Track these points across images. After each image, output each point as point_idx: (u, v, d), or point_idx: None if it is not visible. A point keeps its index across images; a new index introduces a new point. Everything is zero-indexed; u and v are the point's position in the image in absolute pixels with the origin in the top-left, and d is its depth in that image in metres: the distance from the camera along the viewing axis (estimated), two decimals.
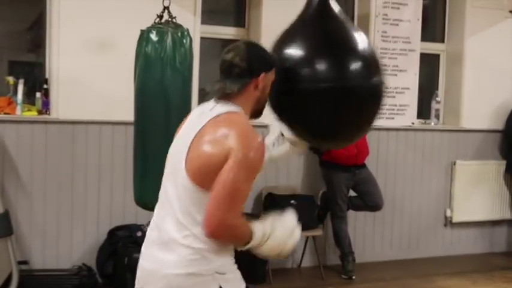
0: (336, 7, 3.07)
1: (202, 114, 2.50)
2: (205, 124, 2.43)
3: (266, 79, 2.55)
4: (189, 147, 2.41)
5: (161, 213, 2.49)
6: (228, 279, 2.44)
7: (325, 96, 2.79)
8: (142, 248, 2.57)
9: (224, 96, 2.50)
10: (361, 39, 2.98)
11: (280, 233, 2.49)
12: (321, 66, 2.82)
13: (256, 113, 2.60)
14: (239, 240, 2.45)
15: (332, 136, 2.96)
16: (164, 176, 2.56)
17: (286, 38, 2.99)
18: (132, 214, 5.47)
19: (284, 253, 2.55)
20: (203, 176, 2.36)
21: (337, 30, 3.02)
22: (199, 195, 2.37)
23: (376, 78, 2.94)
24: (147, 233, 2.56)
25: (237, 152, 2.33)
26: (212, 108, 2.49)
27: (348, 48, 2.92)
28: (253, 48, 2.59)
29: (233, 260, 2.50)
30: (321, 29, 2.99)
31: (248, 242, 2.44)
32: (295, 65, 2.76)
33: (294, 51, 2.87)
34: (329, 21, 3.03)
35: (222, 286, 2.41)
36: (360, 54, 2.92)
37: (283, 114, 2.91)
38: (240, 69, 2.49)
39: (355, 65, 2.87)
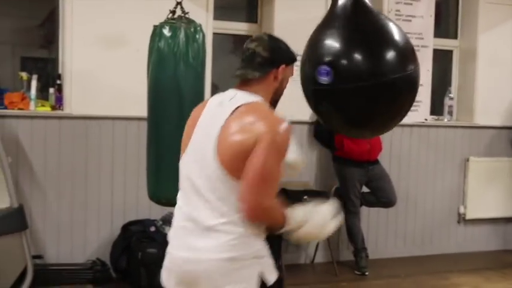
0: None
1: (222, 104, 2.53)
2: (230, 115, 2.47)
3: (285, 72, 2.64)
4: (218, 139, 2.45)
5: (191, 204, 2.51)
6: (265, 264, 2.51)
7: (363, 92, 2.83)
8: (174, 240, 2.59)
9: (244, 85, 2.58)
10: (394, 30, 3.00)
11: (316, 221, 2.57)
12: (358, 63, 2.87)
13: (274, 103, 2.66)
14: (275, 222, 2.52)
15: (369, 125, 3.01)
16: (185, 168, 2.58)
17: (320, 34, 3.02)
18: (145, 209, 5.48)
19: (320, 238, 2.69)
20: (236, 165, 2.41)
21: (370, 23, 3.05)
22: (234, 184, 2.42)
23: (411, 67, 2.98)
24: (177, 225, 2.58)
25: (265, 137, 2.40)
26: (232, 98, 2.53)
27: (382, 41, 2.95)
28: (276, 41, 2.70)
29: (266, 246, 2.55)
30: (354, 23, 3.02)
31: (283, 226, 2.52)
32: (332, 62, 2.81)
33: (330, 49, 2.90)
34: (361, 14, 3.07)
35: (261, 270, 2.47)
36: (395, 46, 2.95)
37: (320, 107, 2.95)
38: (262, 59, 2.59)
39: (391, 58, 2.91)
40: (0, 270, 4.74)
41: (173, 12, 4.24)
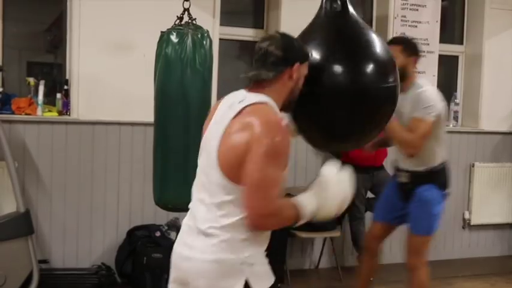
0: (349, 7, 3.09)
1: (232, 106, 2.48)
2: (233, 117, 2.43)
3: (300, 70, 2.57)
4: (220, 141, 2.42)
5: (196, 203, 2.53)
6: (255, 272, 2.43)
7: (342, 100, 2.82)
8: (178, 236, 2.60)
9: (257, 86, 2.51)
10: (375, 41, 3.00)
11: (332, 195, 2.50)
12: (337, 71, 2.84)
13: (289, 104, 2.59)
14: (286, 222, 2.46)
15: (347, 137, 3.00)
16: (198, 169, 2.57)
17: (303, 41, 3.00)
18: (151, 214, 5.50)
19: (342, 209, 2.56)
20: (233, 168, 2.37)
21: (352, 33, 3.05)
22: (231, 188, 2.39)
23: (391, 80, 2.98)
24: (184, 221, 2.59)
25: (260, 140, 2.33)
26: (242, 100, 2.47)
27: (363, 52, 2.94)
28: (289, 39, 2.60)
29: (264, 253, 2.50)
30: (336, 32, 3.02)
31: (298, 220, 2.46)
32: (313, 67, 2.77)
33: (312, 54, 2.88)
34: (343, 23, 3.06)
35: (248, 278, 2.40)
36: (375, 57, 2.94)
37: (300, 115, 2.92)
38: (276, 58, 2.50)
39: (371, 70, 2.90)
40: (6, 274, 4.76)
41: (180, 18, 4.25)
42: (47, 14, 6.04)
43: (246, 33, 6.24)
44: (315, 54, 2.87)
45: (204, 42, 4.15)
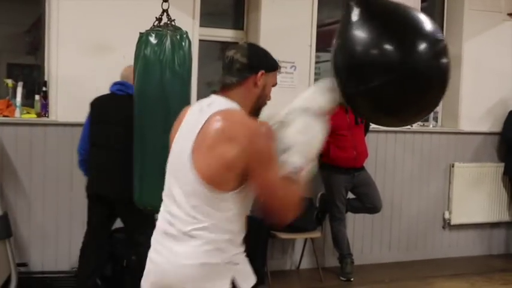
0: None
1: (201, 111, 2.52)
2: (205, 122, 2.45)
3: (266, 78, 2.61)
4: (194, 146, 2.43)
5: (169, 208, 2.52)
6: (240, 270, 2.50)
7: (394, 83, 2.84)
8: (153, 242, 2.59)
9: (223, 91, 2.57)
10: (423, 20, 3.02)
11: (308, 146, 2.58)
12: (389, 54, 2.86)
13: (256, 110, 2.64)
14: (303, 189, 2.54)
15: (399, 115, 3.03)
16: (168, 172, 2.58)
17: (347, 31, 3.04)
18: None
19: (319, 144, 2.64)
20: (216, 175, 2.39)
21: (396, 15, 3.07)
22: (211, 192, 2.41)
23: (444, 61, 3.00)
24: (157, 227, 2.59)
25: (254, 154, 2.38)
26: (210, 104, 2.52)
27: (413, 31, 2.96)
28: (255, 48, 2.70)
29: (244, 253, 2.55)
30: (379, 19, 3.03)
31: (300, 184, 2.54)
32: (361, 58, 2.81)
33: (361, 41, 2.92)
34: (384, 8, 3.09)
35: (235, 276, 2.47)
36: (425, 35, 2.96)
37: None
38: (240, 65, 2.57)
39: (422, 48, 2.93)
40: None
41: (159, 19, 4.24)
42: (27, 15, 6.00)
43: (226, 34, 6.24)
44: (364, 37, 2.91)
45: (183, 43, 4.15)
